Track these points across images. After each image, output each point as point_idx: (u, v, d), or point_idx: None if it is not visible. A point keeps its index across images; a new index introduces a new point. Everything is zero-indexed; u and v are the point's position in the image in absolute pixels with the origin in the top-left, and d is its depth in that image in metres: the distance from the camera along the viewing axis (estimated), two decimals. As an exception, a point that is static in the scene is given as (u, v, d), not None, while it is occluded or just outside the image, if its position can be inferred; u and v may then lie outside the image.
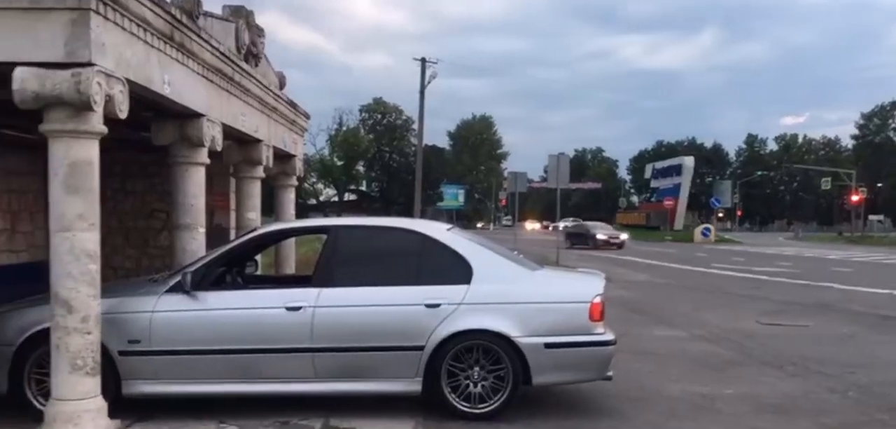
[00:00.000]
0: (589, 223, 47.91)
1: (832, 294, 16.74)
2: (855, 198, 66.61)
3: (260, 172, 9.96)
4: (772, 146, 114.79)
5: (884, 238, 61.26)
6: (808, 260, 31.40)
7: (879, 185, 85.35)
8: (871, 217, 79.76)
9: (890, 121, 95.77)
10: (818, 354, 9.11)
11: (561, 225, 73.53)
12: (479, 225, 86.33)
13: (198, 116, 7.12)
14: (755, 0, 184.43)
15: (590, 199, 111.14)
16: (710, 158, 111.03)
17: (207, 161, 7.56)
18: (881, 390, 7.27)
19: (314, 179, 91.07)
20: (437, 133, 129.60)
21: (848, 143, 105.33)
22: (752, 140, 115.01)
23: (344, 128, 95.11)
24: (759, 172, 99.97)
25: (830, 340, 10.31)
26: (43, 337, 5.52)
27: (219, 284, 6.37)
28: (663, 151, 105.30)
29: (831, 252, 39.28)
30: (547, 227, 77.67)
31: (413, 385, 6.01)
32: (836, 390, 7.27)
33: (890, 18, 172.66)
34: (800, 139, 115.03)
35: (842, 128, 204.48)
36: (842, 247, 48.11)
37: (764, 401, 6.85)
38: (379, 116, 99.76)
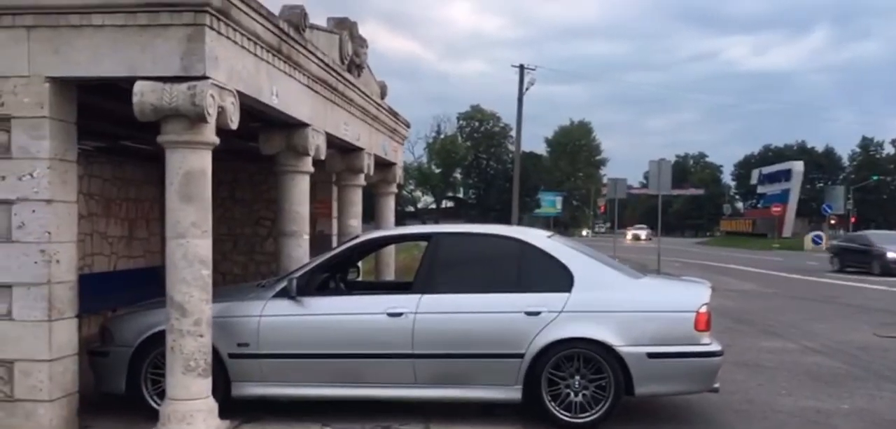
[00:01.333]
0: (872, 234, 30.54)
1: (957, 306, 15.73)
2: (982, 204, 62.43)
3: (361, 179, 10.15)
4: (888, 150, 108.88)
5: None
6: (929, 270, 29.55)
7: None
8: None
9: None
10: (943, 369, 8.58)
11: (643, 233, 69.26)
12: (584, 232, 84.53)
13: (303, 125, 7.31)
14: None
15: (692, 205, 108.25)
16: (822, 163, 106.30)
17: (312, 170, 7.76)
18: None
19: (412, 187, 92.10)
20: (534, 140, 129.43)
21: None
22: (866, 143, 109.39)
23: (442, 135, 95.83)
24: (875, 177, 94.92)
25: (956, 355, 9.70)
26: (159, 339, 5.78)
27: (323, 289, 6.54)
28: (770, 155, 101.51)
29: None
30: (645, 237, 72.83)
31: (513, 393, 5.98)
32: (963, 409, 6.83)
33: None
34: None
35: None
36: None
37: (883, 418, 6.51)
38: (476, 124, 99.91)
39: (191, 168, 5.44)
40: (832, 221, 65.64)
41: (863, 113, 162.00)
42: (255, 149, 7.84)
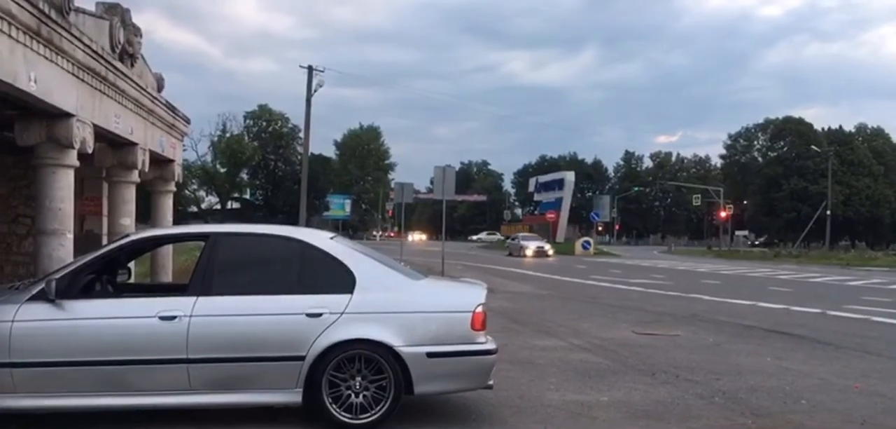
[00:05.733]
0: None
1: (701, 305, 17.58)
2: (723, 214, 70.72)
3: (135, 176, 9.62)
4: (647, 163, 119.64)
5: (748, 252, 65.15)
6: (679, 273, 32.88)
7: (745, 202, 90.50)
8: (738, 232, 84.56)
9: (755, 142, 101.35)
10: (687, 362, 9.52)
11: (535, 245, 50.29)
12: (410, 238, 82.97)
13: (67, 115, 6.80)
14: (632, 22, 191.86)
15: (476, 211, 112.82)
16: (591, 174, 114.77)
17: (77, 164, 7.25)
18: (743, 395, 7.66)
19: (195, 186, 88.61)
20: (323, 142, 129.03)
21: (717, 161, 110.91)
22: (629, 157, 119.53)
23: (228, 134, 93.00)
24: (636, 188, 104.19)
25: (699, 348, 10.80)
26: None
27: (87, 292, 6.06)
28: (546, 165, 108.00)
29: (701, 265, 41.30)
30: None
31: (293, 396, 5.88)
32: (703, 397, 7.61)
33: (756, 44, 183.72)
34: (673, 157, 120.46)
35: (711, 147, 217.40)
36: (711, 260, 50.66)
37: (637, 408, 7.10)
38: (264, 124, 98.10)
39: (-72, 157, 4.86)
40: (599, 228, 71.02)
41: (626, 129, 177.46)
42: (11, 139, 7.17)
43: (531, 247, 49.77)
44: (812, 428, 6.56)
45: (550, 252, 50.40)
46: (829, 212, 66.14)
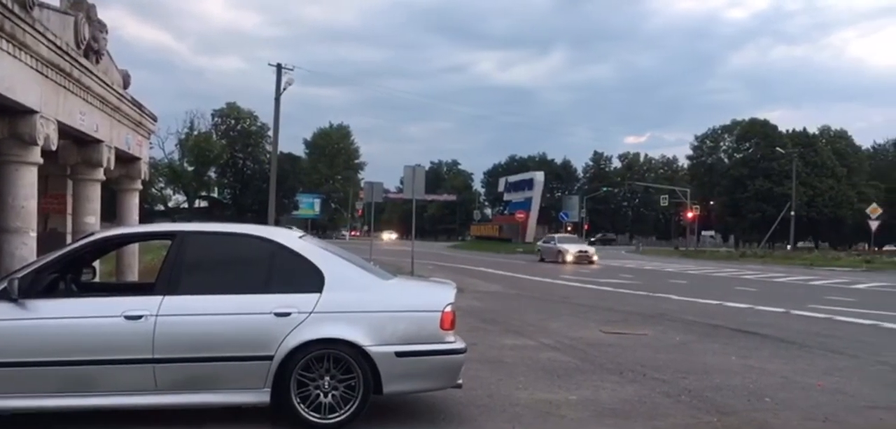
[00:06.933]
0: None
1: (669, 304, 17.76)
2: (690, 214, 71.54)
3: (100, 174, 9.50)
4: (616, 164, 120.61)
5: (715, 252, 65.97)
6: (647, 272, 33.18)
7: (711, 202, 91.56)
8: (704, 232, 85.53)
9: (721, 143, 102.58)
10: (655, 361, 9.61)
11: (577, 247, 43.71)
12: (385, 236, 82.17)
13: (30, 112, 6.69)
14: (602, 24, 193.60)
15: (446, 210, 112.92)
16: (560, 174, 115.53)
17: (40, 161, 7.13)
18: (709, 394, 7.76)
19: (162, 184, 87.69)
20: (293, 141, 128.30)
21: (684, 162, 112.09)
22: (598, 157, 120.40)
23: (195, 132, 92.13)
24: (605, 188, 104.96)
25: (666, 347, 10.90)
26: None
27: (51, 291, 5.98)
28: (516, 165, 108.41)
29: (668, 265, 41.71)
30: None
31: (261, 396, 5.84)
32: (670, 395, 7.69)
33: (724, 46, 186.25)
34: (641, 158, 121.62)
35: (679, 148, 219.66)
36: (678, 260, 51.18)
37: (604, 406, 7.15)
38: (233, 122, 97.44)
39: None
40: (568, 228, 71.44)
41: (596, 130, 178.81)
42: (-29, 135, 7.04)
43: (572, 251, 42.26)
44: (776, 425, 6.65)
45: (595, 258, 42.51)
46: (793, 213, 67.09)
